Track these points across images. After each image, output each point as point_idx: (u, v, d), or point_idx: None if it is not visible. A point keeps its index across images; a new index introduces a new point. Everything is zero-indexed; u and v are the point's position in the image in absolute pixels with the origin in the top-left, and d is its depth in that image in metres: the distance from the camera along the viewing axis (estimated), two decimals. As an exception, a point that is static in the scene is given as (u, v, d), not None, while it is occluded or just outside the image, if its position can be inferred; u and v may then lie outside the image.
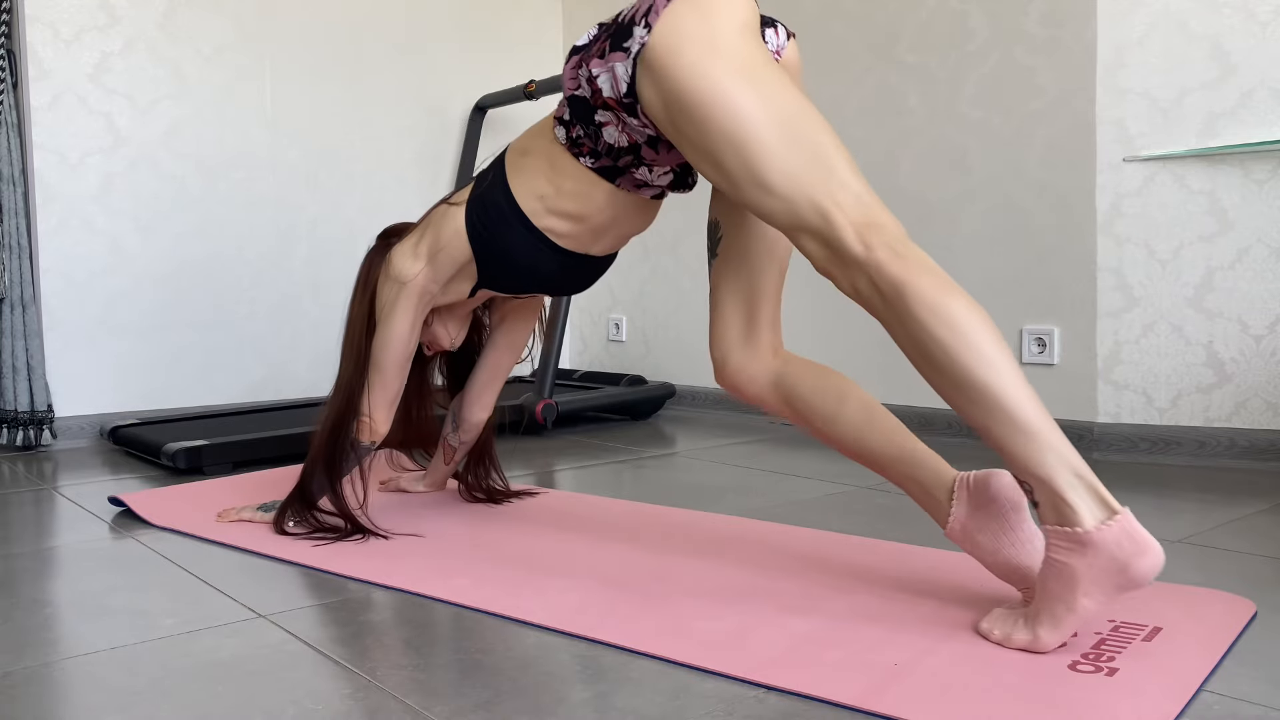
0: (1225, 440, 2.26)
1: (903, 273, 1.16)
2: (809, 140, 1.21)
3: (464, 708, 1.01)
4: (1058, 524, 1.09)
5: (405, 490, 2.05)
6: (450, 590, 1.38)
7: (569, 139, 1.46)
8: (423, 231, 1.66)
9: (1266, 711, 0.97)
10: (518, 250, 1.57)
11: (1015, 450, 1.11)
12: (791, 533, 1.67)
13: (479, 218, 1.58)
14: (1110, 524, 1.06)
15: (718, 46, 1.24)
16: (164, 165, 2.90)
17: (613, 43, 1.32)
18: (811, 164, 1.21)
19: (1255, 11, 2.19)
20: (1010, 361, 1.12)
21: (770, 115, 1.22)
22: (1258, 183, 2.21)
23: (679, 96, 1.25)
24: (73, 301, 2.76)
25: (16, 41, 2.69)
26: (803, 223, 1.22)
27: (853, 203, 1.20)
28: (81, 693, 1.06)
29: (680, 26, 1.25)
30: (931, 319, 1.13)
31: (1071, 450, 1.10)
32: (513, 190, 1.53)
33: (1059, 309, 2.47)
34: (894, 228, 1.20)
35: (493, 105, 3.42)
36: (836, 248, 1.20)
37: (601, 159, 1.45)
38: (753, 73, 1.23)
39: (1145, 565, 1.05)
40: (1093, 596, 1.07)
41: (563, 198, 1.50)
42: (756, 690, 1.04)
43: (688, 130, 1.26)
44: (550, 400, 2.85)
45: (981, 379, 1.11)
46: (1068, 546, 1.08)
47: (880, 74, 2.81)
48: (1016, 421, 1.10)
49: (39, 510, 1.96)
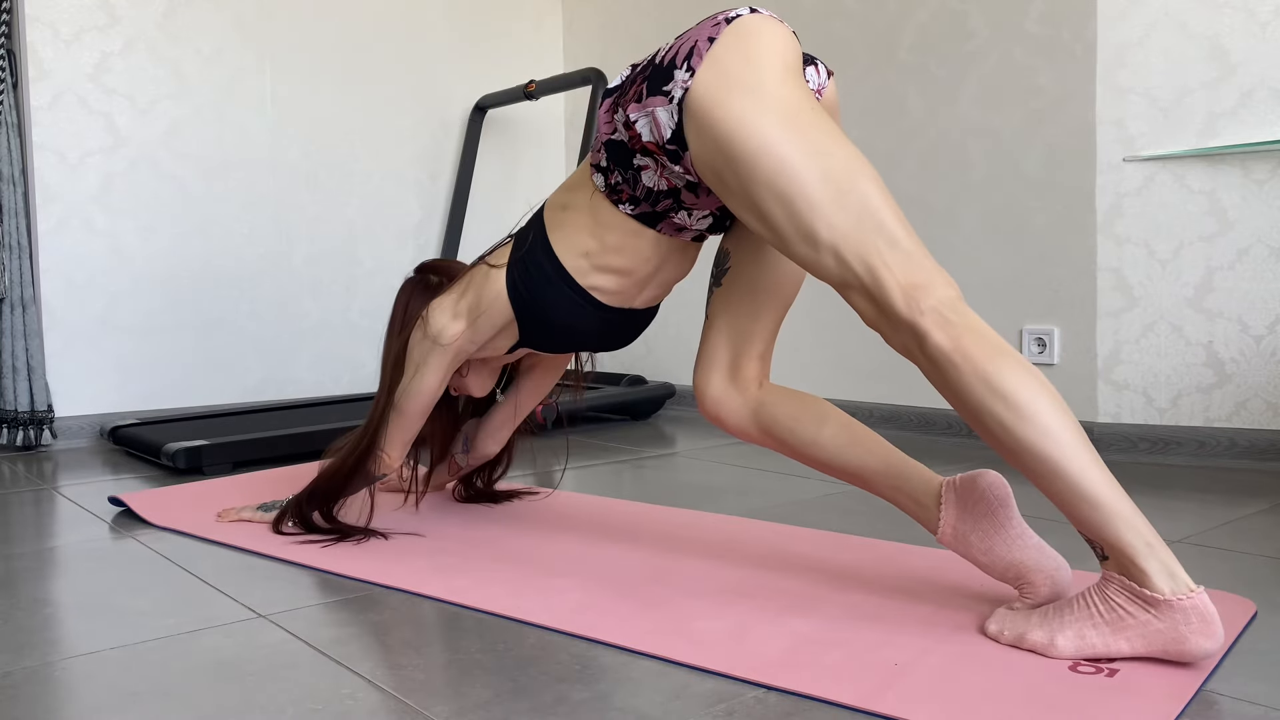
0: (1225, 440, 2.26)
1: (950, 341, 1.13)
2: (858, 195, 1.18)
3: (464, 708, 1.01)
4: (1125, 576, 1.09)
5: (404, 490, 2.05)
6: (450, 590, 1.38)
7: (608, 186, 1.40)
8: (464, 290, 1.60)
9: (1266, 711, 0.97)
10: (561, 312, 1.50)
11: (1083, 518, 1.10)
12: (791, 533, 1.67)
13: (521, 280, 1.51)
14: (1190, 597, 1.05)
15: (764, 93, 1.20)
16: (164, 165, 2.90)
17: (650, 86, 1.28)
18: (860, 220, 1.18)
19: (1255, 11, 2.19)
20: (1070, 428, 1.10)
21: (819, 169, 1.18)
22: (1258, 183, 2.21)
23: (724, 147, 1.21)
24: (73, 301, 2.76)
25: (16, 41, 2.69)
26: (851, 280, 1.19)
27: (901, 262, 1.17)
28: (81, 693, 1.06)
29: (725, 71, 1.22)
30: (984, 391, 1.12)
31: (1139, 517, 1.09)
32: (555, 249, 1.47)
33: (1059, 309, 2.47)
34: (943, 290, 1.17)
35: (493, 105, 3.42)
36: (884, 308, 1.18)
37: (641, 204, 1.39)
38: (800, 122, 1.20)
39: (1203, 647, 1.05)
40: (1134, 645, 1.07)
41: (608, 253, 1.44)
42: (756, 690, 1.04)
43: (731, 181, 1.23)
44: (550, 400, 2.85)
45: (1042, 452, 1.10)
46: (1134, 600, 1.08)
47: (880, 74, 2.81)
48: (1082, 493, 1.09)
49: (39, 510, 1.96)
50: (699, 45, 1.25)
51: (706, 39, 1.25)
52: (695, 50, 1.25)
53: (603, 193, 1.42)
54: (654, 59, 1.31)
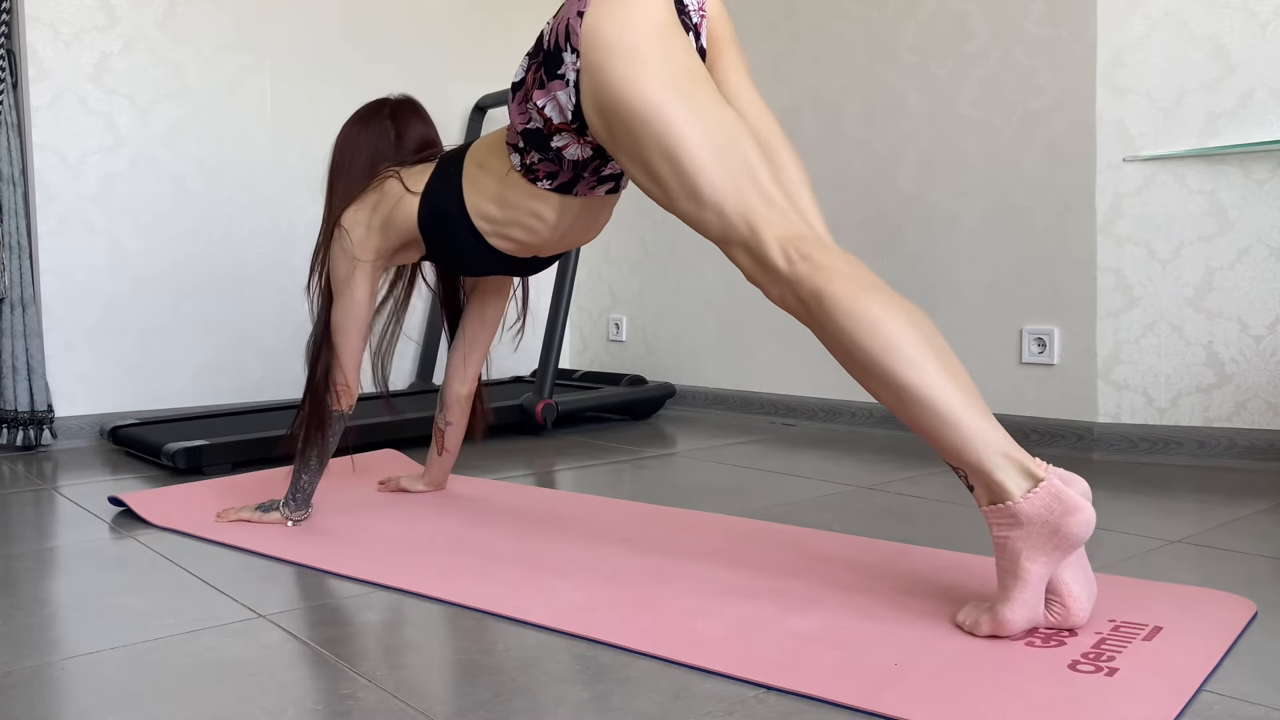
0: (1225, 440, 2.26)
1: (821, 282, 1.20)
2: (739, 155, 1.26)
3: (464, 708, 1.01)
4: (991, 503, 1.13)
5: (405, 490, 2.05)
6: (450, 590, 1.38)
7: (524, 166, 1.51)
8: (376, 203, 1.70)
9: (1266, 711, 0.97)
10: (464, 249, 1.64)
11: (943, 441, 1.14)
12: (791, 533, 1.67)
13: (430, 214, 1.63)
14: (1035, 491, 1.10)
15: (643, 58, 1.28)
16: (164, 165, 2.90)
17: (548, 72, 1.37)
18: (740, 177, 1.26)
19: (1255, 11, 2.19)
20: (933, 355, 1.15)
21: (700, 128, 1.26)
22: (1258, 183, 2.21)
23: (613, 110, 1.30)
24: (73, 301, 2.76)
25: (16, 41, 2.69)
26: (733, 236, 1.27)
27: (778, 218, 1.25)
28: (81, 693, 1.07)
29: (601, 42, 1.30)
30: (850, 324, 1.17)
31: (997, 431, 1.13)
32: (466, 203, 1.59)
33: (1059, 309, 2.47)
34: (814, 235, 1.24)
35: (493, 105, 3.42)
36: (763, 261, 1.25)
37: (562, 175, 1.50)
38: (680, 84, 1.28)
39: (1076, 522, 1.09)
40: (1035, 560, 1.11)
41: (511, 226, 1.58)
42: (756, 690, 1.04)
43: (625, 142, 1.31)
44: (550, 400, 2.85)
45: (903, 378, 1.14)
46: (1005, 522, 1.12)
47: (880, 74, 2.81)
48: (939, 414, 1.13)
49: (39, 510, 1.96)
50: (571, 23, 1.32)
51: (576, 14, 1.32)
52: (570, 29, 1.32)
53: (519, 171, 1.52)
54: (542, 44, 1.39)
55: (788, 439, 2.75)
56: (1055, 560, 1.11)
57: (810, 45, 2.98)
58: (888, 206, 2.81)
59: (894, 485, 2.10)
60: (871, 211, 2.84)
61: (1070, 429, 2.44)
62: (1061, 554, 1.11)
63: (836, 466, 2.32)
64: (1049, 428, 2.48)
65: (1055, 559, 1.11)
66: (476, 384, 1.99)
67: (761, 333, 3.16)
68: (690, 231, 3.35)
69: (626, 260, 3.61)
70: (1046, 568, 1.12)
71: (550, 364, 2.92)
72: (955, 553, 1.53)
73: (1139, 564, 1.49)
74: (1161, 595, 1.30)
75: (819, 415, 3.01)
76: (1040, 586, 1.13)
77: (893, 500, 1.95)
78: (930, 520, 1.78)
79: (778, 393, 3.13)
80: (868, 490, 2.05)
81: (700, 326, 3.36)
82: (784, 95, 3.06)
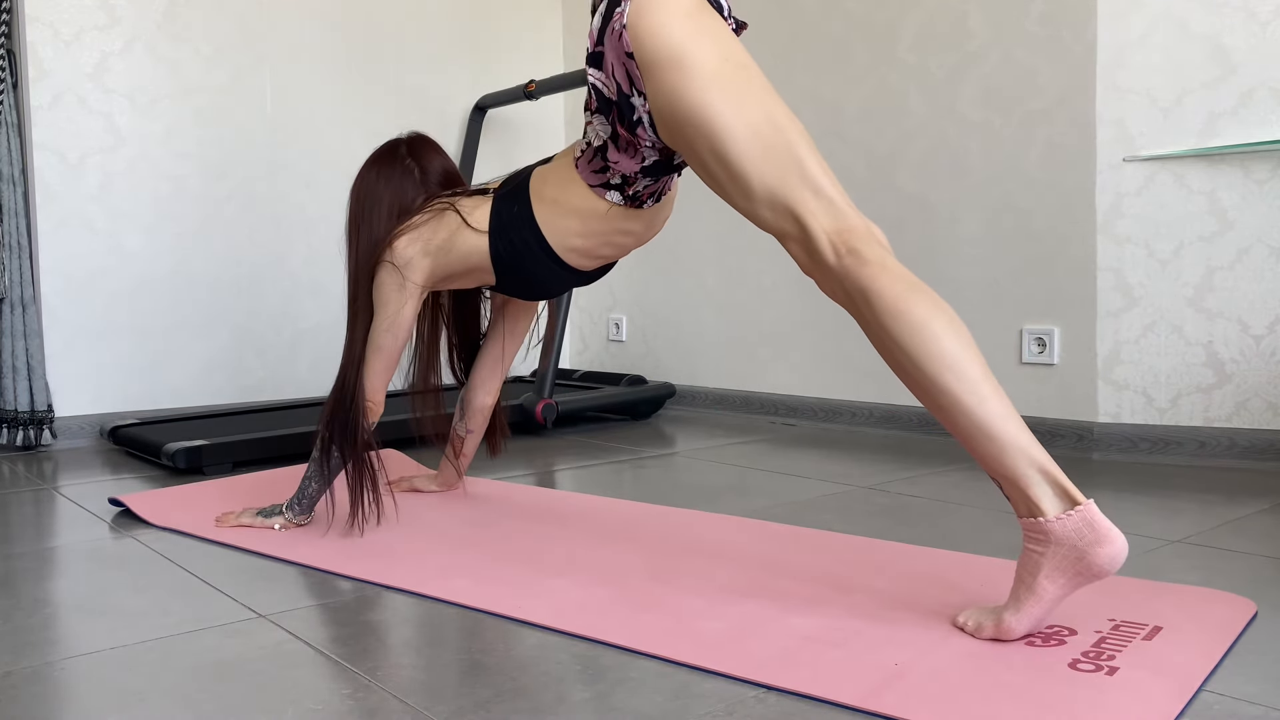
0: (1225, 440, 2.26)
1: (867, 278, 1.20)
2: (784, 147, 1.28)
3: (464, 708, 1.01)
4: (1028, 516, 1.13)
5: (417, 490, 2.05)
6: (450, 590, 1.38)
7: (627, 198, 1.54)
8: (434, 232, 1.69)
9: (1266, 711, 0.97)
10: (540, 276, 1.67)
11: (980, 449, 1.14)
12: (791, 533, 1.67)
13: (508, 252, 1.64)
14: (1071, 514, 1.10)
15: (681, 61, 1.31)
16: (164, 165, 2.90)
17: (626, 125, 1.42)
18: (787, 171, 1.27)
19: (1255, 11, 2.19)
20: (973, 362, 1.15)
21: (746, 127, 1.28)
22: (1258, 183, 2.21)
23: (669, 118, 1.34)
24: (73, 301, 2.76)
25: (16, 41, 2.69)
26: (785, 230, 1.28)
27: (825, 209, 1.25)
28: (81, 693, 1.07)
29: (649, 59, 1.33)
30: (894, 323, 1.17)
31: (1035, 446, 1.13)
32: (549, 241, 1.61)
33: (1059, 309, 2.47)
34: (862, 230, 1.24)
35: (493, 105, 3.42)
36: (815, 254, 1.25)
37: (658, 186, 1.55)
38: (722, 77, 1.30)
39: (1105, 554, 1.09)
40: (1054, 581, 1.11)
41: (600, 248, 1.61)
42: (756, 690, 1.04)
43: (682, 146, 1.35)
44: (550, 400, 2.85)
45: (944, 383, 1.14)
46: (1036, 537, 1.12)
47: (880, 74, 2.81)
48: (978, 422, 1.13)
49: (39, 510, 1.96)
50: (629, 68, 1.36)
51: (626, 55, 1.36)
52: (630, 75, 1.37)
53: (623, 205, 1.55)
54: (603, 95, 1.44)
55: (788, 439, 2.75)
56: (1074, 585, 1.11)
57: (810, 45, 2.98)
58: (888, 206, 2.81)
59: (894, 485, 2.10)
60: (871, 211, 2.84)
61: (1070, 429, 2.44)
62: (1082, 580, 1.11)
63: (836, 466, 2.32)
64: (1049, 428, 2.48)
65: (1075, 584, 1.11)
66: (498, 396, 2.00)
67: (761, 333, 3.16)
68: (690, 232, 3.35)
69: (626, 260, 3.61)
70: (1064, 589, 1.11)
71: (550, 364, 2.92)
72: (955, 553, 1.53)
73: (1139, 564, 1.49)
74: (1162, 595, 1.30)
75: (819, 415, 3.01)
76: (1052, 606, 1.13)
77: (893, 500, 1.95)
78: (930, 520, 1.78)
79: (778, 393, 3.13)
80: (868, 490, 2.05)
81: (700, 326, 3.36)
82: (784, 95, 3.06)
